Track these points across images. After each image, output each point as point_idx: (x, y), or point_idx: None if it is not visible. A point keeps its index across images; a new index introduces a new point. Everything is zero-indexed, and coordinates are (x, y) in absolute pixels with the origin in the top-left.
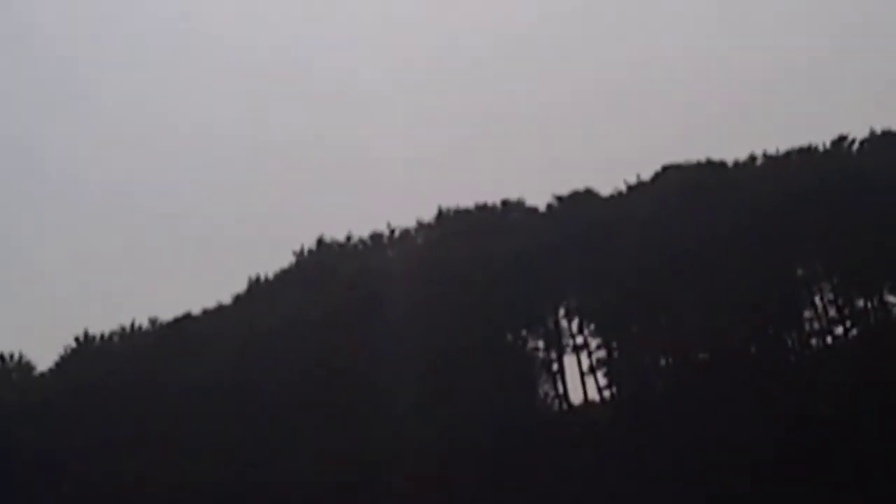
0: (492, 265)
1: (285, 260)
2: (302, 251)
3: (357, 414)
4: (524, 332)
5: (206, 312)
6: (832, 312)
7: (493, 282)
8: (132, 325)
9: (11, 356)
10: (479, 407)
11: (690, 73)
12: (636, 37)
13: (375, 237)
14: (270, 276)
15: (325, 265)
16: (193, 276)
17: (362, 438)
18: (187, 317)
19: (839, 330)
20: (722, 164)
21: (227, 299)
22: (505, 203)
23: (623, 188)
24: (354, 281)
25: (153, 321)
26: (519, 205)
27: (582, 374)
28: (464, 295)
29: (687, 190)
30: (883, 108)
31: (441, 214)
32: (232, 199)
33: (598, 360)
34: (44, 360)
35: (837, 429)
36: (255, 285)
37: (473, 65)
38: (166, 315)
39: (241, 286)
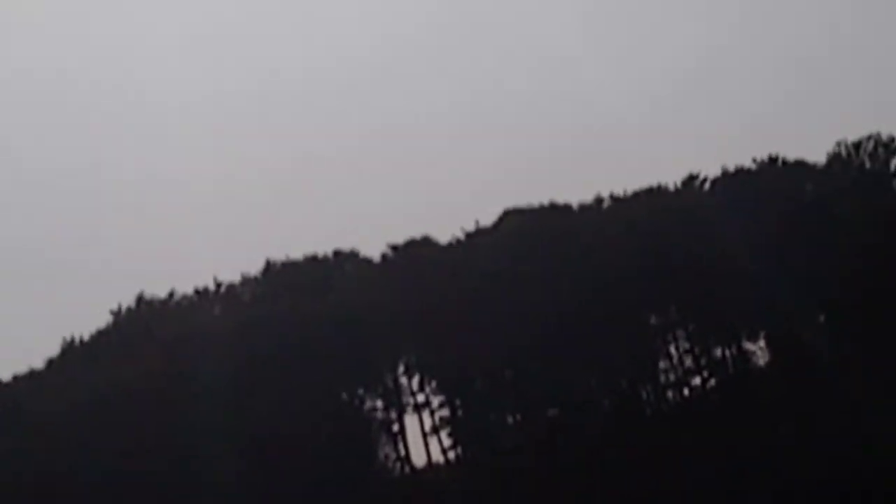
0: (324, 320)
1: (102, 319)
2: (119, 310)
3: (177, 488)
4: (361, 391)
5: (16, 378)
6: (688, 362)
7: (325, 338)
8: None
9: None
10: (314, 473)
11: (528, 112)
12: (470, 73)
13: (201, 293)
14: (86, 337)
15: (144, 325)
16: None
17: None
18: None
19: (696, 380)
20: (566, 207)
21: (39, 363)
22: (337, 254)
23: (462, 235)
24: (175, 342)
25: None
26: (352, 255)
27: (424, 435)
28: (294, 353)
29: (530, 235)
30: (733, 145)
31: (268, 267)
32: (44, 251)
33: (442, 419)
34: None
35: (698, 483)
36: (70, 348)
37: (303, 103)
38: None
39: (54, 349)
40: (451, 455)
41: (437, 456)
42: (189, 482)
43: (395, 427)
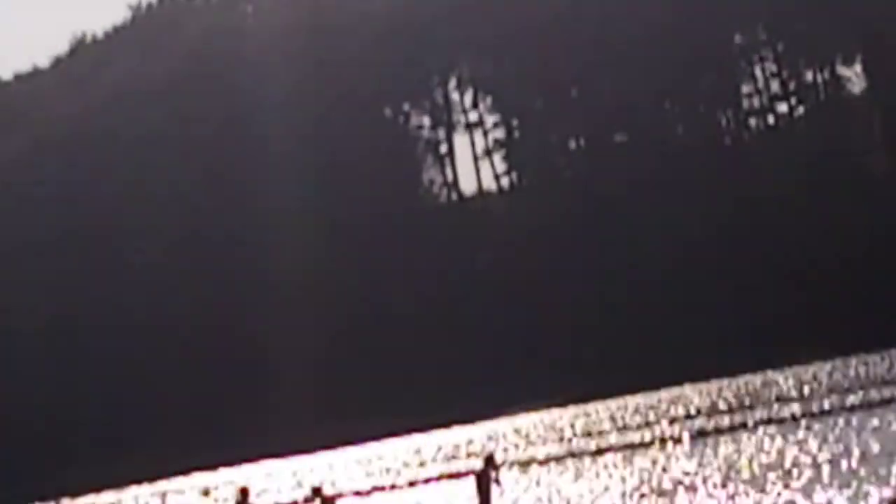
0: (368, 25)
1: (119, 15)
2: (140, 4)
3: (204, 202)
4: (406, 107)
5: (18, 78)
6: (775, 87)
7: (369, 45)
8: None
9: None
10: (353, 192)
11: None
12: None
13: None
14: (100, 34)
15: (167, 21)
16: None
17: (228, 216)
18: None
19: (783, 108)
20: None
21: (44, 62)
22: None
23: None
24: (204, 42)
25: None
26: None
27: (476, 158)
28: (334, 61)
29: None
30: None
31: None
32: None
33: (496, 141)
34: None
35: (778, 217)
36: (81, 45)
37: None
38: None
39: (62, 46)
40: (505, 182)
41: (489, 182)
42: (216, 195)
43: (444, 148)
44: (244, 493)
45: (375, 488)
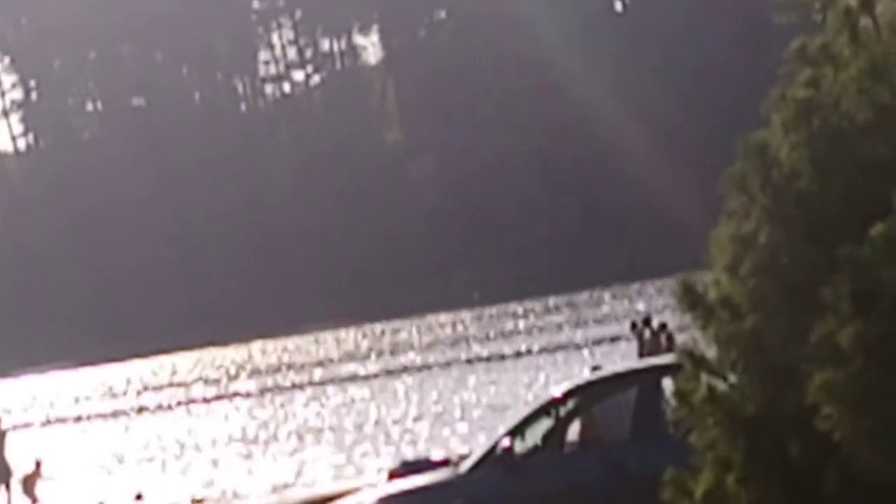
0: None
1: None
2: None
3: None
4: None
5: None
6: (292, 55)
7: None
8: None
9: None
10: None
11: None
12: None
13: None
14: None
15: None
16: None
17: None
18: None
19: (299, 76)
20: None
21: None
22: None
23: None
24: None
25: None
26: None
27: None
28: None
29: None
30: None
31: None
32: None
33: (13, 102)
34: None
35: (294, 187)
36: None
37: None
38: None
39: None
40: (22, 143)
41: (6, 144)
42: None
43: None
44: None
45: None
